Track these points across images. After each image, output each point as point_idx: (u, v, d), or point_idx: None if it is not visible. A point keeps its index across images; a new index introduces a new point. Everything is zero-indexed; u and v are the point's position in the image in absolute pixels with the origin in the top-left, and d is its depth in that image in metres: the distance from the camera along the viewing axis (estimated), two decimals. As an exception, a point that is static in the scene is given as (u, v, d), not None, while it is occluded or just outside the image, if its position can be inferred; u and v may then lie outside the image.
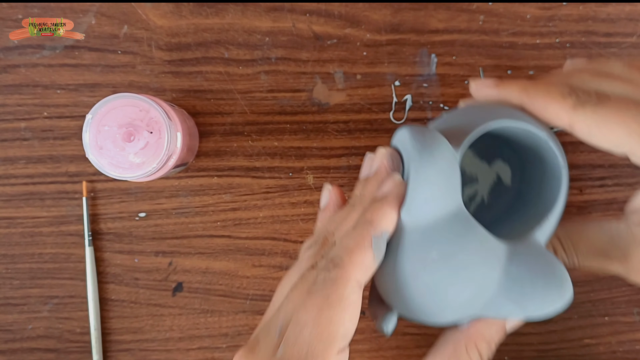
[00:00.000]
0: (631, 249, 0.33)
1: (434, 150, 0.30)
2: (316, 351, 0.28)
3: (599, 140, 0.32)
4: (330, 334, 0.28)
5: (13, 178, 0.45)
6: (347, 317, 0.29)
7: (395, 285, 0.32)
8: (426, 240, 0.31)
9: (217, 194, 0.45)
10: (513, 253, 0.31)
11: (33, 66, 0.44)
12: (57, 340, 0.46)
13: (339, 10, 0.45)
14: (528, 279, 0.30)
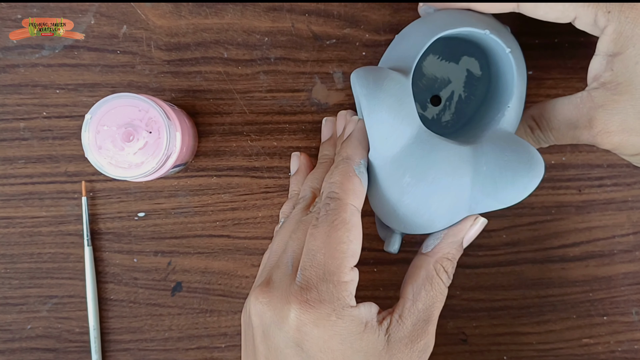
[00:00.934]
0: (592, 113, 0.35)
1: (378, 89, 0.33)
2: (332, 268, 0.31)
3: (545, 11, 0.36)
4: (341, 252, 0.32)
5: (12, 178, 0.45)
6: (352, 237, 0.32)
7: (387, 211, 0.36)
8: (397, 169, 0.35)
9: (216, 193, 0.45)
10: (480, 152, 0.35)
11: (32, 66, 0.44)
12: (56, 340, 0.46)
13: (338, 10, 0.45)
14: (498, 173, 0.34)
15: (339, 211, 0.33)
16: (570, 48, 0.45)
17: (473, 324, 0.46)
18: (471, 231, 0.36)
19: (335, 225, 0.32)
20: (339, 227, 0.32)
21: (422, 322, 0.34)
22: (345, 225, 0.32)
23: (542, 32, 0.45)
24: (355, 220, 0.33)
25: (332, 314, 0.30)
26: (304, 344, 0.31)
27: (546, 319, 0.46)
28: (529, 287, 0.46)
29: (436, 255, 0.36)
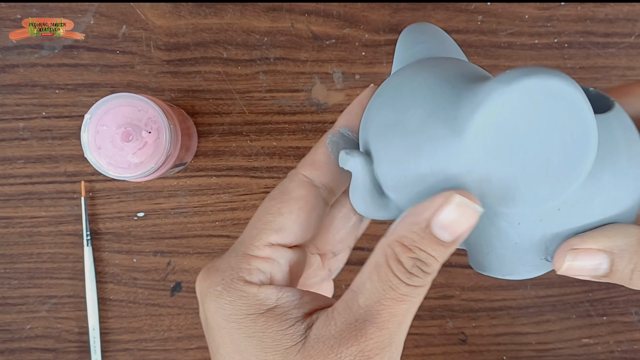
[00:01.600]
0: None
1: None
2: (245, 238, 0.27)
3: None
4: (263, 222, 0.27)
5: (11, 178, 0.45)
6: (285, 209, 0.27)
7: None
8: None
9: (216, 193, 0.45)
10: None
11: (32, 66, 0.44)
12: (55, 340, 0.46)
13: (337, 10, 0.45)
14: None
15: (285, 179, 0.28)
16: (570, 48, 0.45)
17: (472, 324, 0.46)
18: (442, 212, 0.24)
19: (272, 194, 0.28)
20: (275, 197, 0.27)
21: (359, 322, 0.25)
22: (282, 196, 0.27)
23: (542, 32, 0.45)
24: (300, 193, 0.27)
25: (219, 283, 0.26)
26: (205, 316, 0.28)
27: (545, 319, 0.46)
28: (529, 287, 0.46)
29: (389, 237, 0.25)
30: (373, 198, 0.26)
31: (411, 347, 0.46)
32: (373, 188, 0.26)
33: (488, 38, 0.45)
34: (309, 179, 0.28)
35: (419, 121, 0.24)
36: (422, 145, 0.24)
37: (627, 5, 0.45)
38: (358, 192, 0.26)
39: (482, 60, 0.45)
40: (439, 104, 0.24)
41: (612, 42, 0.45)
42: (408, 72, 0.26)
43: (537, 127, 0.22)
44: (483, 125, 0.22)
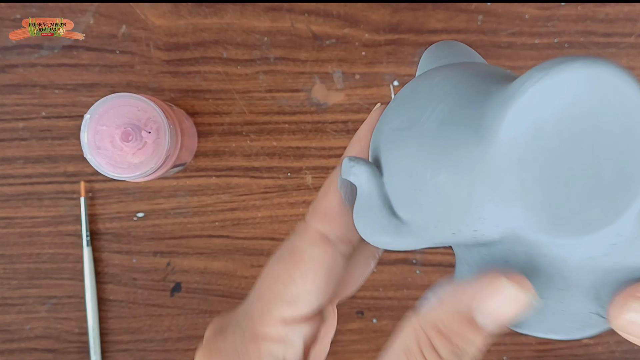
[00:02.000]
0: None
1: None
2: (252, 311, 0.23)
3: None
4: (273, 292, 0.23)
5: (11, 178, 0.45)
6: (298, 276, 0.23)
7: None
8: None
9: (216, 194, 0.45)
10: None
11: (31, 66, 0.44)
12: (55, 340, 0.45)
13: (337, 10, 0.45)
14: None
15: (295, 237, 0.24)
16: (570, 48, 0.45)
17: (473, 324, 0.46)
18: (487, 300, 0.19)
19: (280, 256, 0.24)
20: (284, 260, 0.23)
21: None
22: (293, 259, 0.23)
23: (542, 32, 0.45)
24: (314, 253, 0.23)
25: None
26: None
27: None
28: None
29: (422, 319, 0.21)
30: (381, 219, 0.21)
31: (411, 348, 0.46)
32: (382, 206, 0.21)
33: (488, 38, 0.45)
34: (322, 234, 0.23)
35: (437, 122, 0.20)
36: (440, 152, 0.19)
37: (628, 5, 0.45)
38: (363, 210, 0.21)
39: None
40: (462, 101, 0.20)
41: (613, 42, 0.45)
42: (428, 73, 0.23)
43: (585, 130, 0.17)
44: (516, 126, 0.17)
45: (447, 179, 0.19)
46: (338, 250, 0.23)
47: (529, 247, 0.19)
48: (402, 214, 0.21)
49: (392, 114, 0.22)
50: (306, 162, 0.45)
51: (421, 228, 0.20)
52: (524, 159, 0.17)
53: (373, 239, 0.21)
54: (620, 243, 0.19)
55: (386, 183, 0.21)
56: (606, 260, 0.19)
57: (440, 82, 0.21)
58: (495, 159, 0.18)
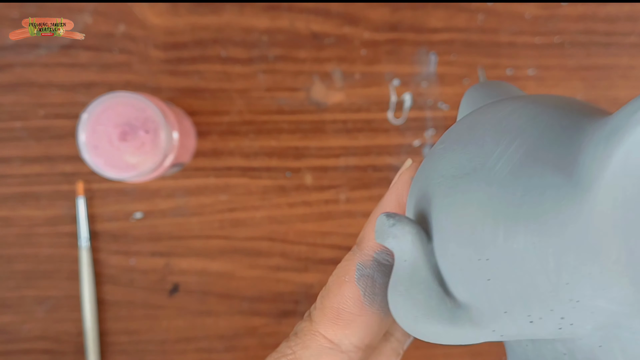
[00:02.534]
0: None
1: None
2: None
3: None
4: None
5: (8, 178, 0.45)
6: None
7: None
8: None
9: (214, 194, 0.45)
10: None
11: (29, 65, 0.44)
12: (52, 341, 0.45)
13: (337, 9, 0.44)
14: None
15: (298, 342, 0.19)
16: (570, 48, 0.45)
17: (473, 325, 0.46)
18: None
19: (285, 354, 0.19)
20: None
21: None
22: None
23: (542, 32, 0.45)
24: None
25: None
26: None
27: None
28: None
29: None
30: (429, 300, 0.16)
31: (412, 349, 0.46)
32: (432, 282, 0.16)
33: (489, 37, 0.45)
34: (332, 342, 0.19)
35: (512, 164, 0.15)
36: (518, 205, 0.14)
37: (628, 5, 0.45)
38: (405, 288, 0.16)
39: (483, 59, 0.45)
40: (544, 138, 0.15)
41: (614, 42, 0.45)
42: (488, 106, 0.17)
43: None
44: (627, 171, 0.12)
45: (528, 244, 0.14)
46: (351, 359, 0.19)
47: (630, 341, 0.14)
48: (459, 294, 0.16)
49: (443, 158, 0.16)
50: (305, 162, 0.45)
51: (485, 314, 0.15)
52: (632, 218, 0.13)
53: (416, 329, 0.16)
54: None
55: (437, 250, 0.16)
56: None
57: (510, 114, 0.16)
58: (597, 217, 0.13)
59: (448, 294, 0.16)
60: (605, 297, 0.13)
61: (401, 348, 0.22)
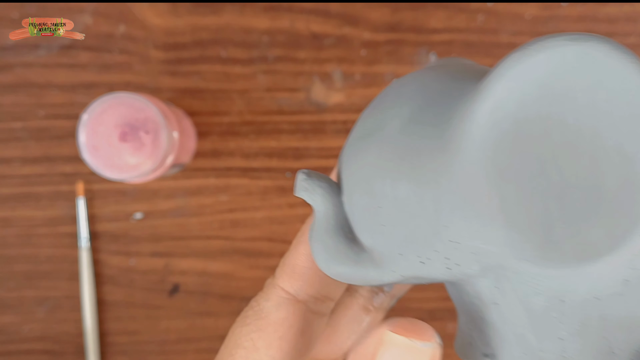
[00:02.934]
0: None
1: None
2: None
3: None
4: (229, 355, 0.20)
5: (8, 178, 0.44)
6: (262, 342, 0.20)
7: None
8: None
9: (214, 194, 0.45)
10: None
11: (28, 66, 0.44)
12: (53, 341, 0.45)
13: (337, 9, 0.44)
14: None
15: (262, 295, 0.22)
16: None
17: (473, 325, 0.46)
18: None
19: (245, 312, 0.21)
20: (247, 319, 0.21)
21: None
22: (256, 321, 0.21)
23: (543, 32, 0.45)
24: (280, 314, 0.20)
25: None
26: None
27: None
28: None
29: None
30: (337, 245, 0.18)
31: (411, 349, 0.46)
32: (338, 229, 0.18)
33: (489, 38, 0.45)
34: (289, 293, 0.21)
35: (399, 125, 0.16)
36: (401, 158, 0.16)
37: (628, 5, 0.45)
38: (318, 235, 0.18)
39: (483, 60, 0.45)
40: (429, 101, 0.16)
41: (614, 42, 0.45)
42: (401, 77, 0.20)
43: (580, 128, 0.14)
44: (491, 125, 0.14)
45: (409, 191, 0.16)
46: (311, 309, 0.21)
47: (519, 283, 0.16)
48: (364, 238, 0.18)
49: (357, 123, 0.19)
50: (305, 163, 0.45)
51: (385, 256, 0.17)
52: (503, 166, 0.14)
53: (329, 270, 0.18)
54: (636, 279, 0.15)
55: (345, 202, 0.18)
56: (618, 303, 0.15)
57: (408, 82, 0.18)
58: (466, 167, 0.14)
59: (355, 240, 0.18)
60: (482, 239, 0.15)
61: (370, 304, 0.23)
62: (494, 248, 0.15)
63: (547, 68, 0.13)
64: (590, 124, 0.14)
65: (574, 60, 0.13)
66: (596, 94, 0.14)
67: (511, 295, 0.16)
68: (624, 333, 0.15)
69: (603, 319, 0.15)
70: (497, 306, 0.16)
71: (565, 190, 0.14)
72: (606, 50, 0.14)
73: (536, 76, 0.13)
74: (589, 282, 0.15)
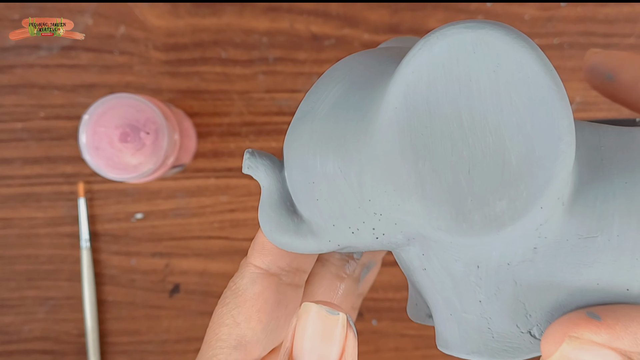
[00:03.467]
0: None
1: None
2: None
3: None
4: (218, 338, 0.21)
5: (9, 179, 0.45)
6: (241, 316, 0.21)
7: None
8: None
9: (215, 195, 0.45)
10: None
11: (29, 67, 0.44)
12: (53, 342, 0.45)
13: (337, 10, 0.44)
14: None
15: (237, 274, 0.23)
16: (570, 48, 0.45)
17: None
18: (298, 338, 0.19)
19: (224, 297, 0.22)
20: (226, 299, 0.22)
21: None
22: (234, 299, 0.22)
23: (542, 33, 0.45)
24: (255, 289, 0.22)
25: None
26: None
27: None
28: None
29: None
30: (280, 216, 0.20)
31: (411, 349, 0.46)
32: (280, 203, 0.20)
33: (488, 38, 0.45)
34: (261, 268, 0.22)
35: (329, 106, 0.18)
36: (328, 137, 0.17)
37: (628, 6, 0.45)
38: (263, 209, 0.20)
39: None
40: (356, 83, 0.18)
41: (613, 43, 0.45)
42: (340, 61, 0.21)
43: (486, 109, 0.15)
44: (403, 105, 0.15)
45: (336, 168, 0.17)
46: (284, 281, 0.22)
47: (440, 250, 0.17)
48: (304, 212, 0.19)
49: (300, 105, 0.20)
50: (305, 163, 0.45)
51: (321, 227, 0.19)
52: (417, 144, 0.15)
53: (274, 240, 0.20)
54: (544, 247, 0.16)
55: (287, 177, 0.20)
56: (529, 269, 0.16)
57: (339, 67, 0.19)
58: (383, 145, 0.16)
59: (297, 212, 0.19)
60: (401, 211, 0.16)
61: (342, 272, 0.24)
62: (413, 219, 0.16)
63: (449, 54, 0.15)
64: (494, 104, 0.15)
65: (471, 46, 0.15)
66: (497, 77, 0.15)
67: (435, 262, 0.18)
68: (536, 296, 0.17)
69: (516, 284, 0.17)
70: (426, 272, 0.18)
71: (474, 166, 0.15)
72: (500, 36, 0.15)
73: (440, 61, 0.15)
74: (500, 249, 0.16)
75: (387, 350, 0.46)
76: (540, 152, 0.15)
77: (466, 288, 0.17)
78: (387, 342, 0.46)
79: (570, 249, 0.16)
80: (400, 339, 0.46)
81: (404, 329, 0.46)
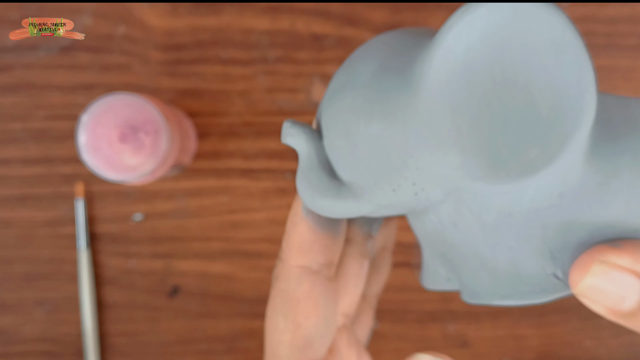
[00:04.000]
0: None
1: None
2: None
3: None
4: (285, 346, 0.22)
5: (8, 179, 0.44)
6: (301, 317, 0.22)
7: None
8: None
9: (214, 195, 0.45)
10: None
11: (28, 67, 0.44)
12: (52, 343, 0.45)
13: (337, 10, 0.44)
14: None
15: (279, 281, 0.23)
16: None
17: (474, 327, 0.46)
18: None
19: (273, 303, 0.23)
20: (278, 307, 0.22)
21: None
22: (286, 304, 0.22)
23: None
24: (304, 288, 0.22)
25: None
26: None
27: (548, 320, 0.46)
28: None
29: None
30: (320, 181, 0.21)
31: (412, 351, 0.46)
32: (320, 167, 0.21)
33: (489, 38, 0.45)
34: (303, 267, 0.23)
35: (369, 75, 0.20)
36: (372, 102, 0.19)
37: (629, 7, 0.45)
38: (303, 174, 0.21)
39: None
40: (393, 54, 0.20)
41: (614, 43, 0.45)
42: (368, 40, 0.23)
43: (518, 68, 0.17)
44: (444, 68, 0.17)
45: (380, 128, 0.19)
46: (323, 274, 0.23)
47: (474, 202, 0.19)
48: (343, 174, 0.21)
49: (332, 80, 0.22)
50: (306, 164, 0.45)
51: (362, 188, 0.20)
52: (456, 103, 0.17)
53: (314, 204, 0.21)
54: (568, 193, 0.18)
55: (326, 145, 0.21)
56: (555, 213, 0.18)
57: (375, 42, 0.21)
58: (426, 105, 0.17)
59: (336, 176, 0.21)
60: (442, 164, 0.18)
61: (365, 249, 0.25)
62: (453, 172, 0.18)
63: (487, 20, 0.17)
64: (524, 64, 0.17)
65: (508, 13, 0.17)
66: (528, 40, 0.17)
67: (467, 215, 0.19)
68: (561, 238, 0.19)
69: (544, 227, 0.18)
70: (456, 227, 0.19)
71: (508, 121, 0.17)
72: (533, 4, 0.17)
73: (479, 26, 0.17)
74: (531, 196, 0.18)
75: (388, 351, 0.45)
76: (568, 103, 0.17)
77: (497, 236, 0.19)
78: (388, 343, 0.46)
79: (589, 194, 0.18)
80: (401, 340, 0.46)
81: (404, 329, 0.45)
